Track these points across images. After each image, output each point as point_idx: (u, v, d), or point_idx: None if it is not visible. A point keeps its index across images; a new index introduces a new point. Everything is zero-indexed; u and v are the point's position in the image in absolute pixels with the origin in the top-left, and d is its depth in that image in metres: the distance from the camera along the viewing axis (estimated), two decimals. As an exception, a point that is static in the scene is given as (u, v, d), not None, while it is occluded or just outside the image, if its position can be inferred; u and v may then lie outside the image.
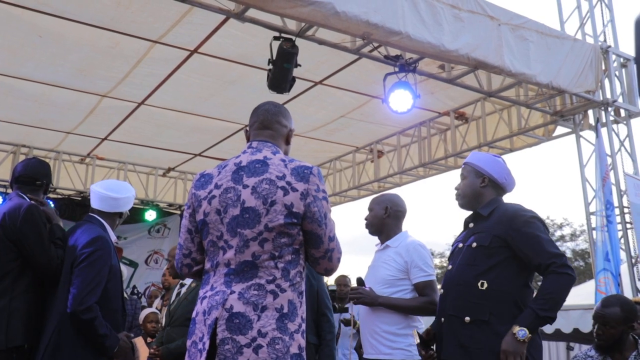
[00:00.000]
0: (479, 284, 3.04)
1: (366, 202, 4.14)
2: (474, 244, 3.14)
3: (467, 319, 3.03)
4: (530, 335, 2.84)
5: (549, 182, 59.36)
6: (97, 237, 3.44)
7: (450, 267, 3.29)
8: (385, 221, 3.96)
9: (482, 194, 3.31)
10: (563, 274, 2.94)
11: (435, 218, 63.10)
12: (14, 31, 6.17)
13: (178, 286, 4.91)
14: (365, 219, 4.06)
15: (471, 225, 3.32)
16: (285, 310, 2.33)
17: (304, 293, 2.48)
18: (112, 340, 3.34)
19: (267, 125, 2.66)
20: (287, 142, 2.72)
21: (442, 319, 3.21)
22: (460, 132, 8.58)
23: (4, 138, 9.24)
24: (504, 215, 3.15)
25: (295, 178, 2.41)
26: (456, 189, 3.43)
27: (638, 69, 1.01)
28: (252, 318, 2.27)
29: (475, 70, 6.27)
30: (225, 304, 2.31)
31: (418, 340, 3.37)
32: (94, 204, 3.68)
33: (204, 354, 2.30)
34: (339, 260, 2.53)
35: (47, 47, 6.46)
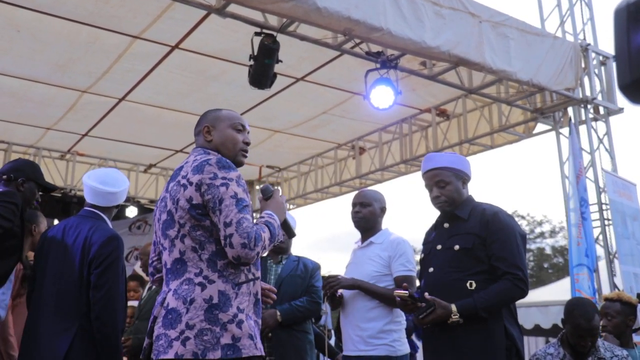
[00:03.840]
0: (468, 284, 3.07)
1: (347, 198, 4.14)
2: (457, 247, 3.15)
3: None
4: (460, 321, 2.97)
5: (529, 179, 59.81)
6: (114, 236, 3.40)
7: (431, 270, 3.26)
8: (379, 219, 4.01)
9: (463, 194, 3.34)
10: (517, 287, 3.03)
11: (416, 214, 63.31)
12: (-10, 25, 6.08)
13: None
14: (360, 213, 3.98)
15: (446, 225, 3.32)
16: (215, 301, 2.35)
17: (249, 284, 2.47)
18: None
19: (195, 135, 2.79)
20: (207, 140, 2.70)
21: None
22: (441, 129, 8.61)
23: (-19, 134, 9.11)
24: (483, 216, 3.18)
25: (192, 172, 2.48)
26: (438, 195, 3.30)
27: (617, 59, 0.99)
28: (182, 312, 2.34)
29: (456, 67, 6.29)
30: (163, 302, 2.43)
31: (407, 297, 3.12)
32: (91, 198, 3.47)
33: (144, 352, 2.49)
34: (244, 245, 2.33)
35: (25, 41, 6.37)
